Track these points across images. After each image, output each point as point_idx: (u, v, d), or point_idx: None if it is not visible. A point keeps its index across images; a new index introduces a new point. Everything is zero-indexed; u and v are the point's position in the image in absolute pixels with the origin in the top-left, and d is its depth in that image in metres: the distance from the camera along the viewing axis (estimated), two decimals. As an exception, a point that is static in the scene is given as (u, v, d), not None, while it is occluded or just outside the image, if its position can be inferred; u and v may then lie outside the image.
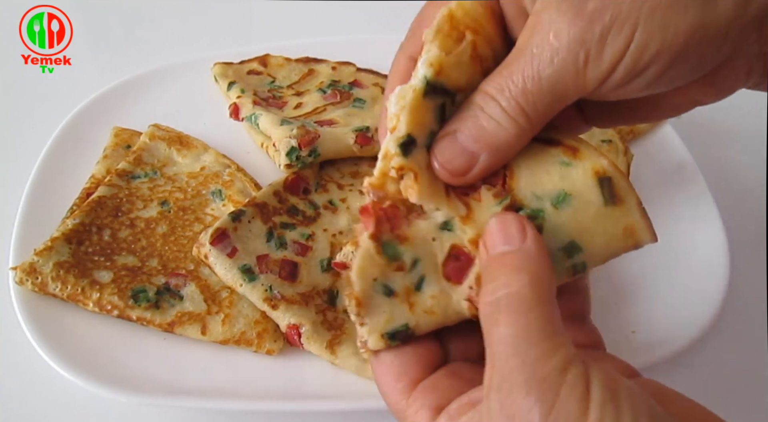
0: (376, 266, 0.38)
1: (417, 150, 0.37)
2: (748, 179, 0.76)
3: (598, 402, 0.28)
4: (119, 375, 0.51)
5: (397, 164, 0.36)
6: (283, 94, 0.76)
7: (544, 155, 0.37)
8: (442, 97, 0.37)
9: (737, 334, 0.61)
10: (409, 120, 0.36)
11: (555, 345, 0.30)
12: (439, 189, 0.37)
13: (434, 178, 0.37)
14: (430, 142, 0.37)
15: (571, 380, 0.29)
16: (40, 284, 0.55)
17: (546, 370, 0.29)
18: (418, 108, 0.36)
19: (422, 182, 0.36)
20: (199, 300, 0.56)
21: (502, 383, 0.30)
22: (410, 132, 0.36)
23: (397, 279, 0.38)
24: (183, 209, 0.63)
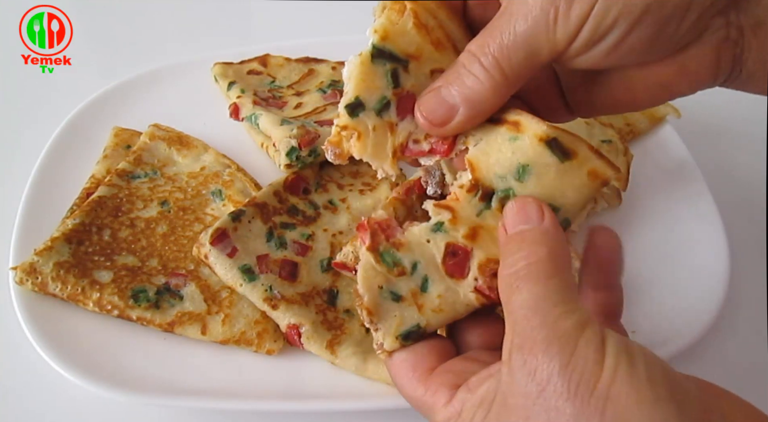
0: (379, 275, 0.40)
1: (365, 113, 0.40)
2: (748, 179, 0.76)
3: (613, 352, 0.30)
4: (119, 375, 0.51)
5: (341, 123, 0.40)
6: (283, 94, 0.76)
7: (494, 136, 0.39)
8: (392, 62, 0.40)
9: (737, 334, 0.61)
10: (357, 83, 0.40)
11: (572, 308, 0.32)
12: (384, 152, 0.41)
13: (382, 142, 0.40)
14: (381, 107, 0.40)
15: (589, 335, 0.31)
16: (40, 284, 0.55)
17: (565, 327, 0.31)
18: (367, 73, 0.40)
19: (365, 143, 0.40)
20: (199, 300, 0.56)
21: (523, 342, 0.32)
22: (358, 95, 0.40)
23: (402, 284, 0.40)
24: (183, 209, 0.63)
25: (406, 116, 0.41)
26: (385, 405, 0.52)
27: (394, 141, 0.41)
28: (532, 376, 0.30)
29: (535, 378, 0.30)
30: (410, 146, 0.41)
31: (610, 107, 0.43)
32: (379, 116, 0.40)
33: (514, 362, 0.31)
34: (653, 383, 0.29)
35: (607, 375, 0.29)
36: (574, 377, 0.29)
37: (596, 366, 0.30)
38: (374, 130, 0.40)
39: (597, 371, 0.29)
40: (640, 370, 0.30)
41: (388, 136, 0.41)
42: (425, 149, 0.41)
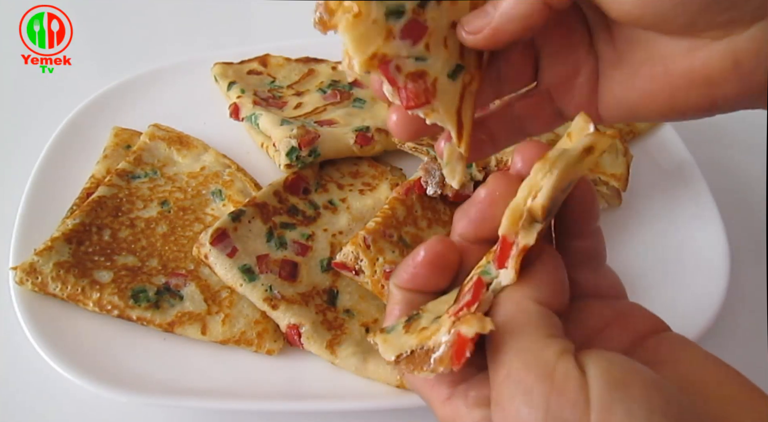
0: None
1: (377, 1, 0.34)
2: (748, 179, 0.76)
3: (599, 398, 0.26)
4: (119, 375, 0.51)
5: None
6: (283, 94, 0.76)
7: None
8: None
9: (737, 334, 0.61)
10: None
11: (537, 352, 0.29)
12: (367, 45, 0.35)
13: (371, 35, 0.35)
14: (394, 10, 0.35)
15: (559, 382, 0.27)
16: (40, 284, 0.55)
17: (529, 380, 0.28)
18: None
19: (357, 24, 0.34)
20: (199, 300, 0.56)
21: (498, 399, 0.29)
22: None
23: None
24: (183, 209, 0.63)
25: (406, 38, 0.36)
26: (385, 405, 0.52)
27: (381, 46, 0.35)
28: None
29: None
30: (390, 65, 0.35)
31: (645, 106, 0.37)
32: (385, 18, 0.35)
33: (495, 415, 0.29)
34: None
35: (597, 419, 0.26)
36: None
37: (579, 407, 0.26)
38: (374, 22, 0.34)
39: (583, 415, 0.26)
40: (635, 408, 0.26)
41: (380, 38, 0.35)
42: (399, 82, 0.36)
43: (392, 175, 0.68)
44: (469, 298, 0.33)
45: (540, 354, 0.29)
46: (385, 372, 0.52)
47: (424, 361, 0.34)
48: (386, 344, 0.37)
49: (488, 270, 0.34)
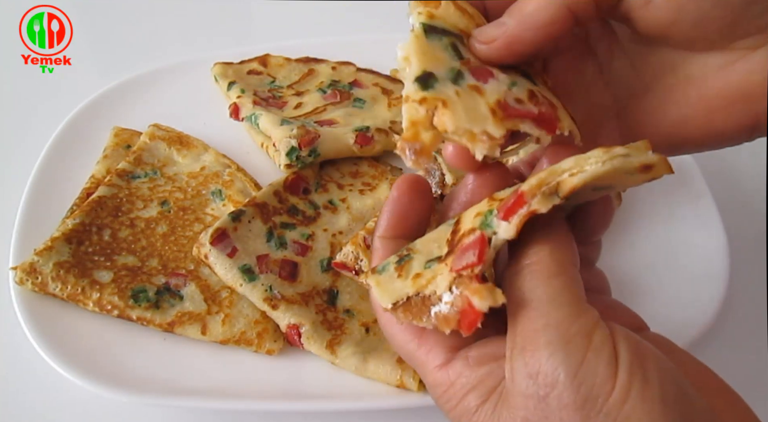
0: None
1: (440, 84, 0.33)
2: (748, 179, 0.76)
3: (626, 367, 0.28)
4: (119, 375, 0.51)
5: (418, 96, 0.32)
6: (283, 94, 0.76)
7: None
8: (448, 37, 0.35)
9: (737, 335, 0.61)
10: (419, 57, 0.34)
11: (579, 310, 0.30)
12: (481, 113, 0.32)
13: (473, 105, 0.33)
14: (455, 76, 0.34)
15: (598, 343, 0.29)
16: (40, 284, 0.55)
17: (571, 332, 0.29)
18: (425, 46, 0.34)
19: (455, 109, 0.32)
20: (199, 300, 0.56)
21: (525, 344, 0.30)
22: (425, 68, 0.33)
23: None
24: (183, 209, 0.63)
25: (487, 79, 0.34)
26: (385, 405, 0.52)
27: (487, 100, 0.33)
28: (534, 379, 0.29)
29: (538, 381, 0.29)
30: (512, 104, 0.33)
31: (680, 131, 0.36)
32: (456, 84, 0.33)
33: (515, 362, 0.30)
34: (666, 405, 0.28)
35: (619, 393, 0.28)
36: (582, 389, 0.28)
37: (608, 380, 0.28)
38: (458, 96, 0.32)
39: (608, 386, 0.28)
40: (655, 389, 0.28)
41: (478, 98, 0.33)
42: (533, 110, 0.34)
43: (392, 175, 0.68)
44: (473, 259, 0.32)
45: (581, 314, 0.30)
46: (385, 372, 0.52)
47: (422, 311, 0.34)
48: (380, 287, 0.36)
49: (489, 223, 0.33)
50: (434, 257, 0.35)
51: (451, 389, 0.33)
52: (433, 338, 0.35)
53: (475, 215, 0.34)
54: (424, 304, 0.34)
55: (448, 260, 0.34)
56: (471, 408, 0.32)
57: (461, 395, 0.32)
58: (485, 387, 0.32)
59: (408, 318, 0.35)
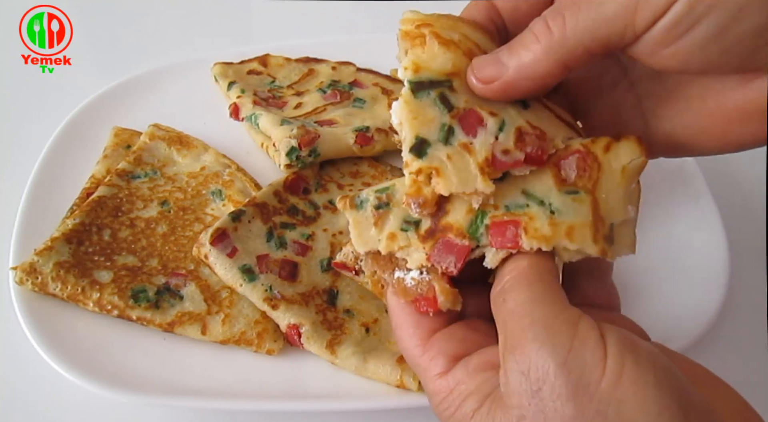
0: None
1: (432, 148, 0.37)
2: (748, 179, 0.76)
3: (615, 351, 0.29)
4: (119, 375, 0.51)
5: (415, 168, 0.37)
6: (283, 94, 0.76)
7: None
8: (436, 88, 0.37)
9: (737, 335, 0.61)
10: (410, 123, 0.37)
11: (562, 307, 0.31)
12: (470, 174, 0.36)
13: (464, 166, 0.36)
14: (446, 135, 0.37)
15: (583, 331, 0.30)
16: (40, 284, 0.55)
17: (556, 325, 0.30)
18: (415, 109, 0.37)
19: (447, 175, 0.36)
20: (199, 300, 0.56)
21: (515, 343, 0.31)
22: (417, 134, 0.37)
23: None
24: (183, 209, 0.63)
25: (476, 131, 0.37)
26: (385, 405, 0.52)
27: (476, 159, 0.36)
28: (526, 376, 0.29)
29: (530, 377, 0.29)
30: (499, 157, 0.37)
31: (698, 140, 0.36)
32: (448, 144, 0.37)
33: (507, 363, 0.31)
34: (661, 388, 0.28)
35: (610, 376, 0.28)
36: (572, 377, 0.28)
37: (597, 365, 0.28)
38: (449, 159, 0.36)
39: (598, 370, 0.28)
40: (648, 373, 0.28)
41: (467, 157, 0.37)
42: (520, 157, 0.37)
43: (392, 175, 0.68)
44: (452, 268, 0.37)
45: (565, 310, 0.31)
46: (385, 372, 0.52)
47: (387, 267, 0.40)
48: (357, 230, 0.41)
49: (478, 235, 0.37)
50: (411, 221, 0.39)
51: (449, 396, 0.34)
52: (437, 346, 0.36)
53: (468, 210, 0.37)
54: (391, 262, 0.39)
55: (426, 243, 0.38)
56: (467, 413, 0.33)
57: (459, 402, 0.33)
58: (481, 392, 0.33)
59: (373, 266, 0.40)
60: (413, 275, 0.38)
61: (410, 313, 0.38)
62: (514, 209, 0.37)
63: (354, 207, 0.41)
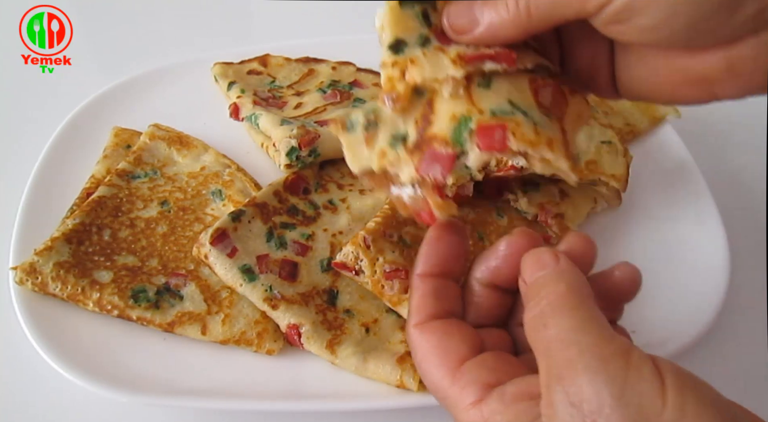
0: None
1: (409, 48, 0.40)
2: (748, 179, 0.76)
3: (674, 386, 0.27)
4: (119, 375, 0.51)
5: (390, 59, 0.40)
6: (283, 94, 0.76)
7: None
8: (421, 3, 0.41)
9: (737, 334, 0.61)
10: (392, 26, 0.40)
11: (609, 334, 0.30)
12: (443, 64, 0.39)
13: (437, 60, 0.39)
14: (423, 41, 0.40)
15: (637, 361, 0.28)
16: (40, 284, 0.55)
17: (607, 354, 0.29)
18: (399, 16, 0.40)
19: (421, 64, 0.39)
20: (199, 300, 0.56)
21: (562, 372, 0.29)
22: (397, 36, 0.40)
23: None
24: (183, 209, 0.63)
25: (450, 43, 0.40)
26: (385, 405, 0.52)
27: (449, 55, 0.39)
28: (578, 408, 0.28)
29: (582, 409, 0.27)
30: (469, 53, 0.39)
31: (650, 93, 0.41)
32: (424, 47, 0.40)
33: (555, 394, 0.29)
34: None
35: (673, 412, 0.27)
36: (630, 410, 0.27)
37: (655, 399, 0.27)
38: (425, 55, 0.40)
39: (657, 405, 0.27)
40: (710, 411, 0.27)
41: (440, 55, 0.39)
42: (490, 52, 0.39)
43: (392, 175, 0.68)
44: (439, 177, 0.39)
45: (613, 338, 0.30)
46: (385, 372, 0.52)
47: (384, 183, 0.42)
48: (350, 151, 0.42)
49: (462, 140, 0.39)
50: (399, 135, 0.41)
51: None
52: (468, 374, 0.35)
53: (451, 118, 0.39)
54: (386, 178, 0.42)
55: (414, 157, 0.40)
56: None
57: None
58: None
59: (372, 184, 0.43)
60: (409, 191, 0.41)
61: (436, 344, 0.37)
62: (500, 114, 0.39)
63: (345, 129, 0.43)
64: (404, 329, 0.54)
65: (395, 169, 0.41)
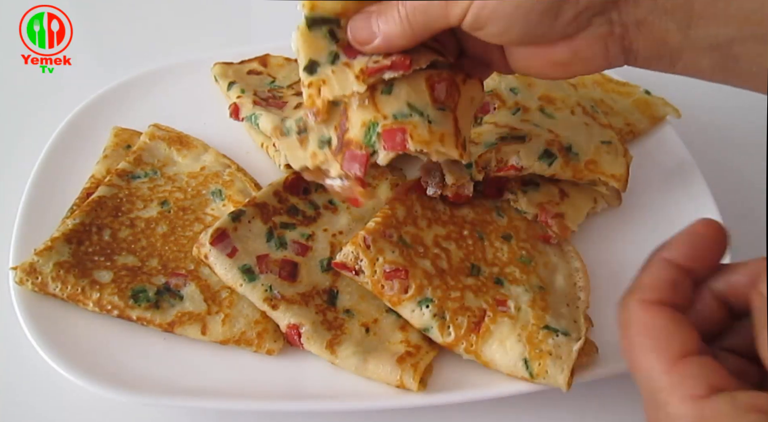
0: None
1: (321, 67, 0.47)
2: (748, 179, 0.76)
3: None
4: (119, 375, 0.51)
5: (306, 81, 0.48)
6: (283, 94, 0.76)
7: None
8: (326, 25, 0.47)
9: (737, 334, 0.61)
10: (304, 50, 0.47)
11: None
12: (348, 80, 0.47)
13: (344, 76, 0.47)
14: (332, 58, 0.47)
15: None
16: (40, 284, 0.55)
17: None
18: (308, 40, 0.47)
19: (331, 83, 0.47)
20: (199, 300, 0.56)
21: None
22: (310, 57, 0.47)
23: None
24: (183, 209, 0.63)
25: (356, 55, 0.47)
26: (385, 405, 0.52)
27: (354, 70, 0.46)
28: None
29: None
30: (370, 66, 0.46)
31: (532, 71, 0.49)
32: (333, 64, 0.47)
33: None
34: None
35: None
36: None
37: None
38: (333, 73, 0.47)
39: None
40: None
41: (347, 71, 0.47)
42: (387, 63, 0.46)
43: (392, 175, 0.68)
44: (359, 173, 0.47)
45: None
46: (385, 372, 0.52)
47: (319, 176, 0.52)
48: (289, 152, 0.53)
49: (372, 142, 0.47)
50: (325, 139, 0.50)
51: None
52: (690, 369, 0.33)
53: (362, 124, 0.47)
54: (321, 173, 0.51)
55: (338, 157, 0.49)
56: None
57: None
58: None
59: (310, 177, 0.52)
60: (338, 183, 0.50)
61: (661, 327, 0.35)
62: (400, 118, 0.47)
63: (282, 134, 0.53)
64: (404, 329, 0.55)
65: (326, 166, 0.50)
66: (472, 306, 0.53)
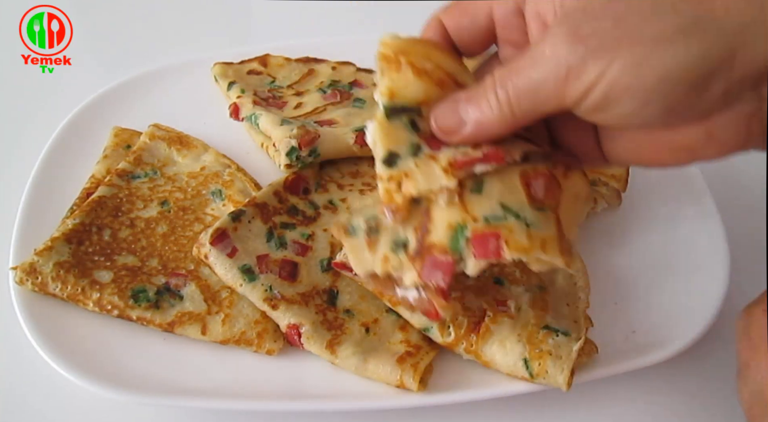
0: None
1: (402, 159, 0.41)
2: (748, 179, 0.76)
3: None
4: (119, 375, 0.51)
5: (385, 174, 0.41)
6: (283, 94, 0.76)
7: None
8: (407, 114, 0.42)
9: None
10: (383, 141, 0.41)
11: None
12: (435, 174, 0.41)
13: (430, 170, 0.41)
14: (414, 150, 0.42)
15: None
16: (40, 284, 0.55)
17: None
18: (387, 130, 0.41)
19: (415, 177, 0.41)
20: (199, 300, 0.56)
21: None
22: (389, 149, 0.41)
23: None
24: (183, 209, 0.63)
25: (441, 147, 0.42)
26: (385, 405, 0.52)
27: (440, 163, 0.41)
28: None
29: None
30: (459, 158, 0.41)
31: (637, 161, 0.43)
32: (416, 157, 0.41)
33: None
34: None
35: None
36: None
37: None
38: (417, 166, 0.41)
39: None
40: None
41: (432, 164, 0.41)
42: (478, 155, 0.41)
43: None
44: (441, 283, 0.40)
45: None
46: (385, 372, 0.52)
47: (388, 286, 0.44)
48: (353, 255, 0.45)
49: (459, 248, 0.40)
50: (400, 241, 0.43)
51: None
52: None
53: (448, 227, 0.41)
54: (390, 281, 0.44)
55: (416, 263, 0.42)
56: None
57: None
58: None
59: (377, 287, 0.46)
60: (413, 294, 0.43)
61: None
62: (493, 221, 0.40)
63: (348, 234, 0.45)
64: (404, 329, 0.55)
65: (399, 273, 0.43)
66: (472, 306, 0.53)
